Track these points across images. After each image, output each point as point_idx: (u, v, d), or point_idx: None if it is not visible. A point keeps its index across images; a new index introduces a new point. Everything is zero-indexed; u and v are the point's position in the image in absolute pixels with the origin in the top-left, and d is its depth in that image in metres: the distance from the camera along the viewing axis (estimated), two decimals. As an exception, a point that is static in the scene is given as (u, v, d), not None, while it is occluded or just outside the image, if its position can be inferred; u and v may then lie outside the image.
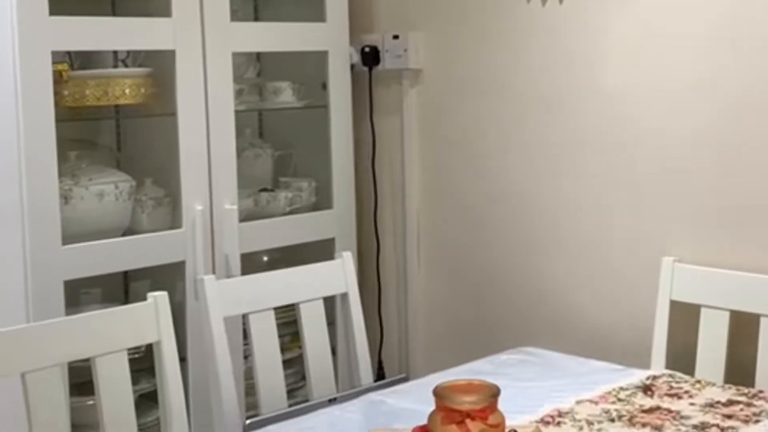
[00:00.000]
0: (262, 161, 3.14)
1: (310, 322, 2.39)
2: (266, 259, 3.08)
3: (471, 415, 1.57)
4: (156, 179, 2.77)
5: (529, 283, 2.89)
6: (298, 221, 3.01)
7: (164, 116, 2.70)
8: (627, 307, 2.65)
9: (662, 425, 1.91)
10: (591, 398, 2.08)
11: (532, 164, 2.86)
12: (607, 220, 2.70)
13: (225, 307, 2.24)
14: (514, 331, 2.87)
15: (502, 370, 2.29)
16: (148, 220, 2.71)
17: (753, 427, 1.90)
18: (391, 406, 2.08)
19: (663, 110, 2.57)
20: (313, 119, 3.13)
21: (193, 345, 2.66)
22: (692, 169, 2.53)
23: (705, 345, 2.41)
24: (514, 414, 1.86)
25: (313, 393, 2.36)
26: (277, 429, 1.95)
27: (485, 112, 2.96)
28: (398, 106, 3.19)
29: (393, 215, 3.24)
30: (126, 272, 2.87)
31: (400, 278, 3.22)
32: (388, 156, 3.23)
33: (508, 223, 2.93)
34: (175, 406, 2.05)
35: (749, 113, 2.42)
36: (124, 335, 2.02)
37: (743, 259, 2.43)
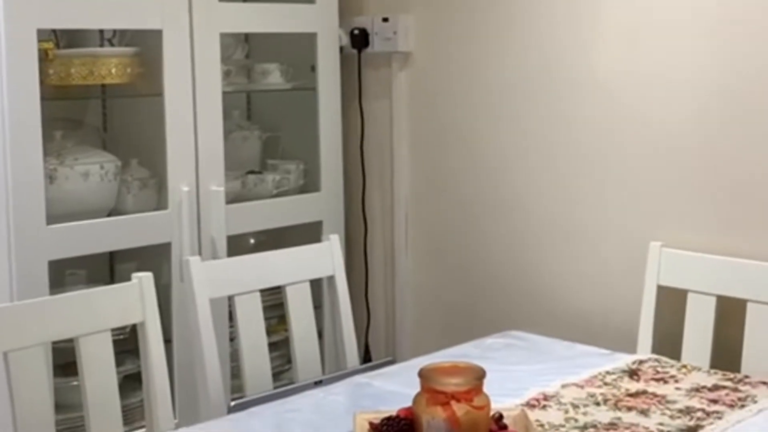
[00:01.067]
0: (249, 143, 3.12)
1: (297, 305, 2.38)
2: (253, 242, 3.07)
3: (456, 397, 1.57)
4: (142, 160, 2.75)
5: (517, 267, 2.88)
6: (286, 204, 3.00)
7: (151, 96, 2.68)
8: (614, 292, 2.65)
9: (648, 409, 1.91)
10: (577, 382, 2.08)
11: (521, 149, 2.85)
12: (594, 205, 2.70)
13: (211, 288, 2.23)
14: (500, 316, 2.87)
15: (489, 354, 2.28)
16: (133, 200, 2.70)
17: (738, 412, 1.89)
18: (377, 389, 2.08)
19: (651, 97, 2.56)
20: (302, 101, 3.12)
21: (178, 327, 2.65)
22: (681, 156, 2.52)
23: (691, 330, 2.41)
24: (500, 397, 1.85)
25: (299, 376, 2.35)
26: (262, 410, 1.94)
27: (475, 95, 2.95)
28: (387, 89, 3.18)
29: (381, 199, 3.23)
30: (111, 254, 2.86)
31: (388, 262, 3.22)
32: (376, 139, 3.22)
33: (497, 207, 2.92)
34: (159, 388, 2.04)
35: (737, 101, 2.42)
36: (109, 315, 2.01)
37: (730, 244, 2.43)
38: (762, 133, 2.38)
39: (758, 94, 2.38)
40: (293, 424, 1.87)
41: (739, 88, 2.41)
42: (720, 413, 1.89)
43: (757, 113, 2.39)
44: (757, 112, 2.39)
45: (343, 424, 1.74)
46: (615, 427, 1.82)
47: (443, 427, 1.54)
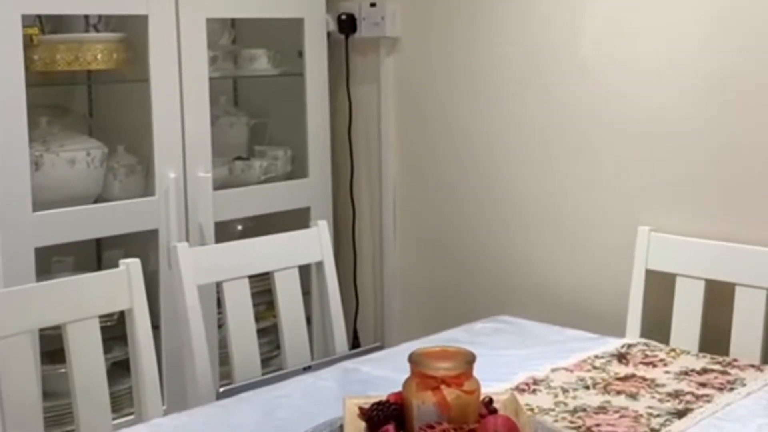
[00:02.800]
0: (237, 129, 3.11)
1: (285, 291, 2.37)
2: (241, 228, 3.06)
3: (446, 382, 1.56)
4: (129, 146, 2.74)
5: (505, 252, 2.88)
6: (273, 190, 2.99)
7: (137, 82, 2.66)
8: (603, 276, 2.65)
9: (637, 393, 1.91)
10: (566, 366, 2.08)
11: (509, 135, 2.84)
12: (583, 189, 2.70)
13: (198, 275, 2.22)
14: (489, 301, 2.87)
15: (478, 339, 2.28)
16: (120, 187, 2.68)
17: (727, 395, 1.90)
18: (366, 374, 2.07)
19: (639, 82, 2.56)
20: (289, 87, 3.10)
21: (166, 313, 2.64)
22: (669, 140, 2.52)
23: (680, 314, 2.42)
24: (490, 382, 1.84)
25: (288, 362, 2.35)
26: (251, 397, 1.93)
27: (463, 81, 2.94)
28: (375, 74, 3.17)
29: (369, 184, 3.22)
30: (99, 241, 2.85)
31: (376, 247, 3.21)
32: (364, 125, 3.21)
33: (485, 192, 2.92)
34: (147, 374, 2.03)
35: (725, 86, 2.41)
36: (96, 302, 1.99)
37: (719, 228, 2.43)
38: (750, 118, 2.38)
39: (746, 81, 2.38)
40: (282, 409, 1.86)
41: (727, 75, 2.41)
42: (709, 396, 1.89)
43: (745, 99, 2.39)
44: (746, 98, 2.38)
45: (332, 410, 1.74)
46: (604, 410, 1.82)
47: (433, 411, 1.54)
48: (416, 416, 1.55)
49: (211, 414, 1.86)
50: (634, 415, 1.79)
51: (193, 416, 1.85)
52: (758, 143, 2.38)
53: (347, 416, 1.63)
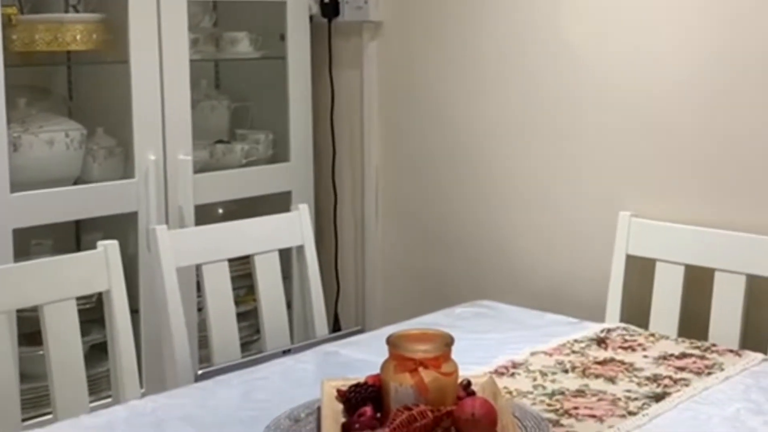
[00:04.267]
0: (218, 113, 3.10)
1: (265, 275, 2.36)
2: (222, 212, 3.05)
3: (424, 364, 1.55)
4: (108, 128, 2.72)
5: (487, 238, 2.88)
6: (255, 173, 2.98)
7: (117, 64, 2.65)
8: (583, 262, 2.66)
9: (615, 377, 1.91)
10: (545, 350, 2.08)
11: (492, 119, 2.84)
12: (565, 174, 2.70)
13: (177, 257, 2.20)
14: (471, 286, 2.87)
15: (458, 323, 2.28)
16: (99, 169, 2.67)
17: (705, 380, 1.90)
18: (346, 357, 2.07)
19: (623, 68, 2.56)
20: (271, 71, 3.09)
21: (145, 297, 2.63)
22: (649, 125, 2.52)
23: (660, 299, 2.42)
24: (469, 365, 1.84)
25: (268, 345, 2.34)
26: (229, 379, 1.92)
27: (446, 65, 2.93)
28: (358, 58, 3.15)
29: (351, 169, 3.21)
30: (78, 223, 2.83)
31: (358, 232, 3.20)
32: (347, 109, 3.20)
33: (467, 178, 2.91)
34: (125, 357, 2.02)
35: (708, 72, 2.41)
36: (73, 283, 1.98)
37: (699, 213, 2.43)
38: (732, 104, 2.39)
39: (731, 68, 2.38)
40: (260, 392, 1.85)
41: (711, 62, 2.41)
42: (687, 380, 1.89)
43: (727, 85, 2.39)
44: (728, 83, 2.39)
45: (310, 392, 1.73)
46: (582, 394, 1.82)
47: (411, 393, 1.53)
48: (394, 398, 1.54)
49: (189, 396, 1.85)
50: (612, 399, 1.79)
51: (171, 398, 1.84)
52: (739, 129, 2.38)
53: (325, 398, 1.63)
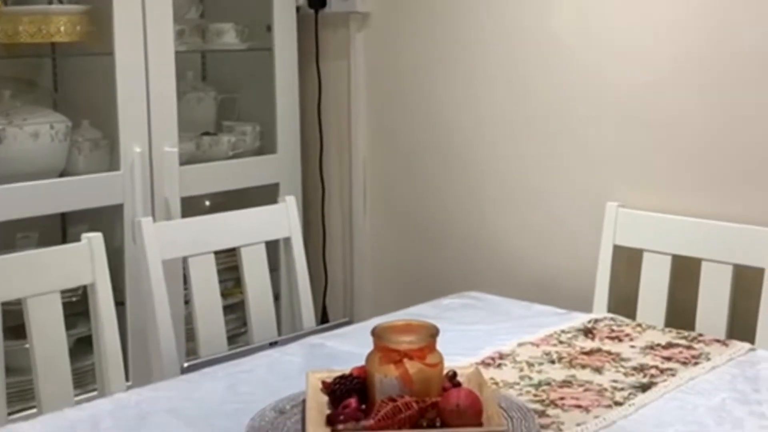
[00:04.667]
0: (204, 104, 3.08)
1: (252, 267, 2.35)
2: (209, 204, 3.04)
3: (409, 355, 1.55)
4: (93, 120, 2.70)
5: (474, 228, 2.87)
6: (242, 165, 2.97)
7: (102, 56, 2.63)
8: (571, 252, 2.66)
9: (602, 367, 1.91)
10: (532, 341, 2.07)
11: (479, 111, 2.83)
12: (552, 165, 2.69)
13: (163, 250, 2.19)
14: (459, 277, 2.86)
15: (445, 314, 2.27)
16: (85, 161, 2.65)
17: (692, 369, 1.90)
18: (332, 349, 2.06)
19: (608, 57, 2.55)
20: (258, 62, 3.08)
21: (131, 289, 2.62)
22: (637, 116, 2.52)
23: (647, 289, 2.42)
24: (455, 356, 1.84)
25: (255, 338, 2.33)
26: (215, 371, 1.91)
27: (433, 57, 2.92)
28: (345, 50, 3.14)
29: (339, 160, 3.20)
30: (64, 216, 2.82)
31: (346, 224, 3.20)
32: (334, 101, 3.19)
33: (455, 169, 2.91)
34: (110, 350, 2.01)
35: (695, 63, 2.41)
36: (57, 276, 1.97)
37: (686, 204, 2.43)
38: (718, 93, 2.38)
39: (716, 58, 2.38)
40: (246, 384, 1.85)
41: (697, 51, 2.40)
42: (673, 370, 1.89)
43: (714, 77, 2.38)
44: (715, 76, 2.38)
45: (296, 384, 1.73)
46: (569, 384, 1.82)
47: (396, 384, 1.53)
48: (379, 390, 1.54)
49: (174, 388, 1.84)
50: (598, 389, 1.79)
51: (156, 391, 1.83)
52: (726, 120, 2.38)
53: (310, 390, 1.62)
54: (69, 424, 1.66)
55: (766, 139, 2.32)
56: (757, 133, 2.33)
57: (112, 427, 1.66)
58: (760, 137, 2.33)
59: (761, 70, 2.31)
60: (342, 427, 1.48)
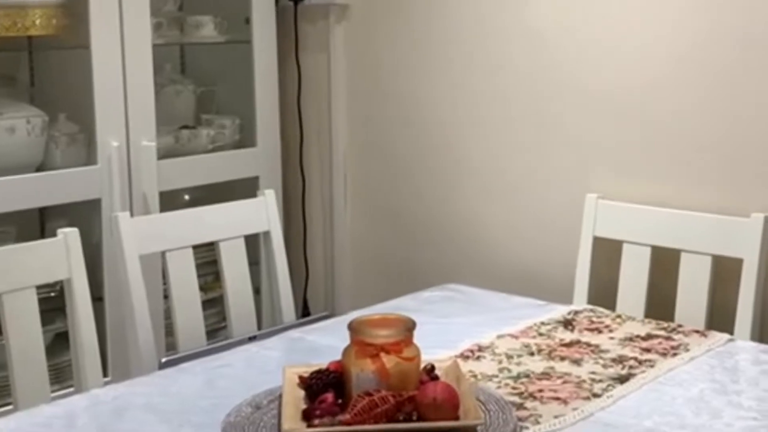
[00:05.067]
0: (183, 98, 3.06)
1: (231, 261, 2.33)
2: (188, 198, 3.02)
3: (385, 349, 1.55)
4: (70, 114, 2.68)
5: (456, 221, 2.87)
6: (221, 159, 2.95)
7: (78, 49, 2.61)
8: (551, 244, 2.65)
9: (581, 359, 1.91)
10: (512, 333, 2.07)
11: (459, 103, 2.83)
12: (532, 157, 2.69)
13: (141, 244, 2.18)
14: (439, 269, 2.86)
15: (426, 307, 2.27)
16: (62, 156, 2.63)
17: (671, 360, 1.90)
18: (311, 343, 2.06)
19: (588, 50, 2.55)
20: (237, 55, 3.06)
21: (110, 285, 2.60)
22: (616, 108, 2.52)
23: (626, 280, 2.43)
24: (435, 349, 1.84)
25: (234, 332, 2.32)
26: (193, 366, 1.90)
27: (412, 48, 2.91)
28: (325, 42, 3.13)
29: (319, 153, 3.19)
30: (42, 211, 2.80)
31: (326, 217, 3.19)
32: (314, 94, 3.17)
33: (435, 161, 2.90)
34: (87, 345, 2.00)
35: (672, 53, 2.41)
36: (33, 272, 1.95)
37: (665, 195, 2.43)
38: (698, 86, 2.38)
39: (695, 50, 2.38)
40: (223, 379, 1.84)
41: (676, 44, 2.40)
42: (652, 362, 1.89)
43: (693, 67, 2.38)
44: (693, 65, 2.38)
45: (274, 379, 1.71)
46: (548, 376, 1.81)
47: (372, 378, 1.52)
48: (355, 384, 1.53)
49: (151, 384, 1.83)
50: (577, 381, 1.79)
51: (133, 386, 1.82)
52: (705, 111, 2.38)
53: (286, 385, 1.61)
54: (44, 421, 1.65)
55: (744, 130, 2.32)
56: (736, 124, 2.33)
57: (88, 423, 1.65)
58: (738, 129, 2.33)
59: (739, 62, 2.31)
60: (318, 422, 1.47)
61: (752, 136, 2.31)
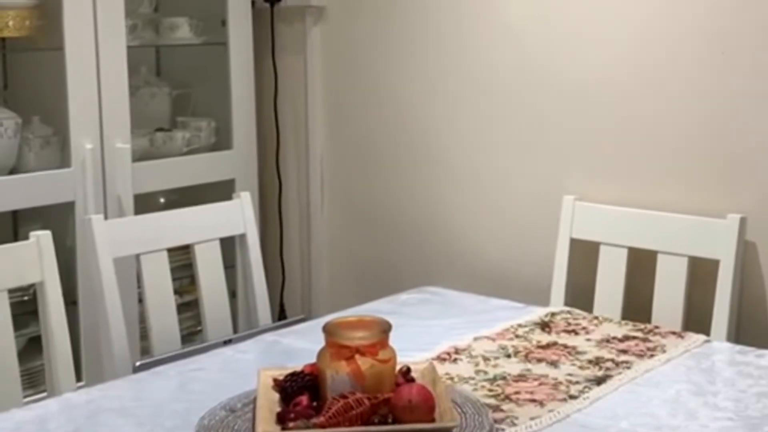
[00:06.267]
0: (158, 100, 3.04)
1: (206, 264, 2.31)
2: (163, 201, 3.00)
3: (361, 351, 1.53)
4: (44, 117, 2.66)
5: (432, 224, 2.86)
6: (196, 162, 2.93)
7: (51, 51, 2.59)
8: (528, 246, 2.65)
9: (558, 360, 1.91)
10: (489, 335, 2.06)
11: (435, 105, 2.82)
12: (508, 159, 2.68)
13: (114, 247, 2.16)
14: (417, 272, 2.85)
15: (403, 310, 2.26)
16: (35, 159, 2.61)
17: (647, 362, 1.90)
18: (287, 346, 2.04)
19: (564, 50, 2.55)
20: (213, 57, 3.05)
21: (84, 288, 2.58)
22: (593, 109, 2.52)
23: (603, 282, 2.42)
24: (412, 352, 1.83)
25: (210, 336, 2.30)
26: (167, 370, 1.89)
27: (389, 50, 2.91)
28: (301, 44, 3.12)
29: (296, 156, 3.18)
30: (15, 214, 2.77)
31: (303, 220, 3.17)
32: (290, 96, 3.16)
33: (412, 164, 2.89)
34: (60, 349, 1.97)
35: (651, 53, 2.41)
36: (5, 275, 1.93)
37: (642, 196, 2.44)
38: (675, 88, 2.39)
39: (672, 49, 2.38)
40: (197, 382, 1.82)
41: (652, 45, 2.41)
42: (629, 363, 1.89)
43: (670, 69, 2.39)
44: (671, 64, 2.39)
45: (249, 382, 1.70)
46: (524, 378, 1.81)
47: (347, 381, 1.51)
48: (330, 386, 1.52)
49: (125, 387, 1.81)
50: (553, 383, 1.78)
51: (106, 390, 1.80)
52: (684, 112, 2.38)
53: (261, 388, 1.60)
54: (15, 426, 1.63)
55: (722, 131, 2.33)
56: (712, 126, 2.34)
57: (60, 427, 1.63)
58: (716, 130, 2.33)
59: (715, 63, 2.31)
60: (292, 425, 1.46)
61: (728, 138, 2.32)
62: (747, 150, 2.29)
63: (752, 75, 2.27)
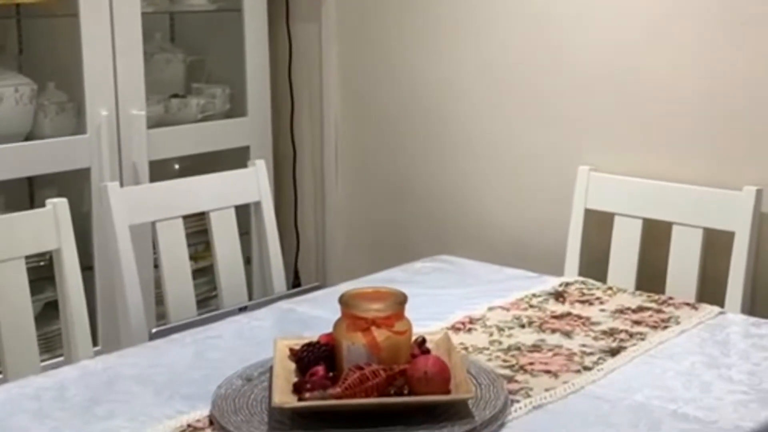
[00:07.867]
0: (173, 66, 3.04)
1: (221, 231, 2.33)
2: (178, 167, 3.00)
3: (376, 323, 1.54)
4: (59, 83, 2.66)
5: (448, 191, 2.86)
6: (211, 128, 2.93)
7: (67, 17, 2.58)
8: (543, 216, 2.65)
9: (572, 331, 1.91)
10: (503, 305, 2.07)
11: (451, 73, 2.81)
12: (524, 129, 2.68)
13: (130, 214, 2.17)
14: (431, 240, 2.85)
15: (417, 278, 2.26)
16: (51, 125, 2.61)
17: (661, 333, 1.90)
18: (302, 314, 2.05)
19: (581, 20, 2.53)
20: (227, 23, 3.04)
21: (99, 254, 2.59)
22: (609, 80, 2.51)
23: (618, 252, 2.42)
24: (426, 321, 1.84)
25: (225, 302, 2.31)
26: (183, 337, 1.90)
27: (405, 17, 2.89)
28: (316, 10, 3.10)
29: (311, 123, 3.17)
30: (31, 180, 2.78)
31: (318, 187, 3.17)
32: (305, 62, 3.15)
33: (427, 131, 2.89)
34: (76, 315, 1.99)
35: (666, 27, 2.40)
36: (22, 242, 1.94)
37: (657, 167, 2.43)
38: (690, 57, 2.37)
39: (688, 21, 2.36)
40: (214, 350, 1.83)
41: (669, 15, 2.39)
42: (643, 334, 1.89)
43: (687, 40, 2.37)
44: (685, 37, 2.37)
45: (265, 351, 1.71)
46: (538, 348, 1.81)
47: (363, 352, 1.52)
48: (346, 357, 1.53)
49: (141, 355, 1.82)
50: (567, 353, 1.78)
51: (123, 357, 1.81)
52: (698, 84, 2.37)
53: (277, 358, 1.61)
54: (34, 392, 1.64)
55: (737, 103, 2.32)
56: (729, 97, 2.32)
57: (78, 394, 1.64)
58: (732, 101, 2.32)
59: (731, 37, 2.30)
60: (309, 395, 1.46)
61: (744, 110, 2.30)
62: (764, 122, 2.28)
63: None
